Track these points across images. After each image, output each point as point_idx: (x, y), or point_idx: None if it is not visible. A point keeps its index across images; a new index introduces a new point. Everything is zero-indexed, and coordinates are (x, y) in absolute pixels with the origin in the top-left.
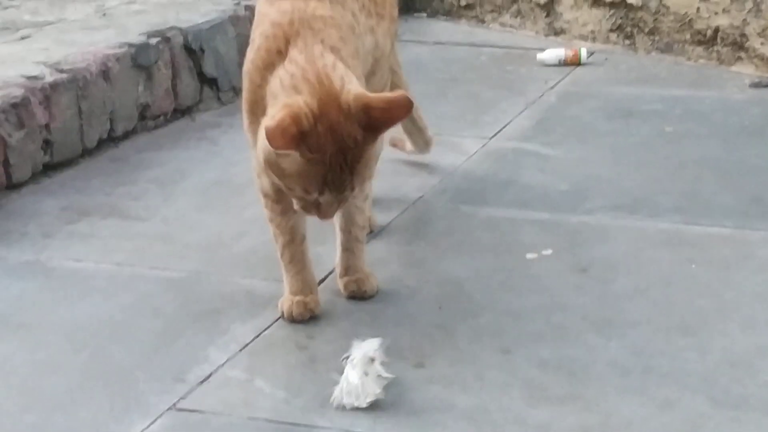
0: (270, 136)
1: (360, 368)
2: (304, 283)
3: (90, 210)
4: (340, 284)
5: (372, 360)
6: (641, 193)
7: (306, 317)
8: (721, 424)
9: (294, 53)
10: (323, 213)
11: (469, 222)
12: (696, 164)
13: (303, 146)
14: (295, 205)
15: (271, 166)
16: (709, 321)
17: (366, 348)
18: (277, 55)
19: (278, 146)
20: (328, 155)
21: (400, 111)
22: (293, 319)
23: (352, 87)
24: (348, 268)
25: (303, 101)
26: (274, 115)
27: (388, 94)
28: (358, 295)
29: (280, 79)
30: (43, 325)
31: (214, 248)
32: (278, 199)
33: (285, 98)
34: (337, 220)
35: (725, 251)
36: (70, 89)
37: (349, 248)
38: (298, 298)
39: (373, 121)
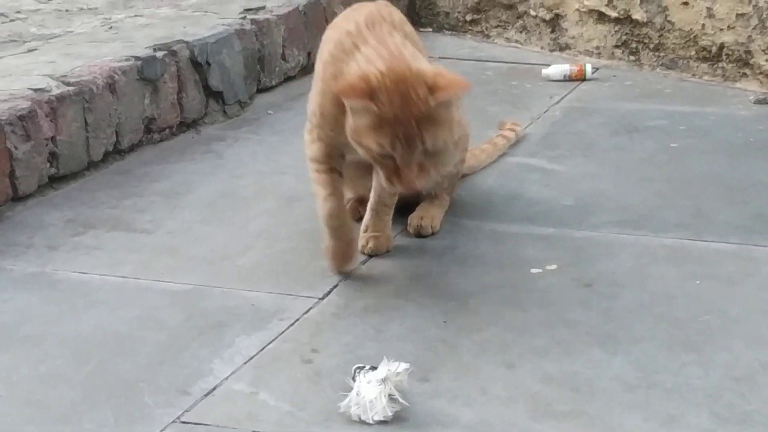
0: (341, 89)
1: (375, 384)
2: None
3: (95, 222)
4: (361, 240)
5: (386, 380)
6: (646, 209)
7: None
8: None
9: (370, 40)
10: (404, 180)
11: (474, 236)
12: (701, 180)
13: (372, 100)
14: (382, 180)
15: (351, 130)
16: (714, 337)
17: (392, 368)
18: (353, 46)
19: (348, 96)
20: (397, 109)
21: (461, 88)
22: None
23: (422, 64)
24: (368, 227)
25: (374, 66)
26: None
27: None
28: (373, 251)
29: (356, 61)
30: (48, 337)
31: (219, 261)
32: (327, 166)
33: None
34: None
35: (730, 267)
36: (76, 102)
37: (373, 208)
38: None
39: (439, 88)
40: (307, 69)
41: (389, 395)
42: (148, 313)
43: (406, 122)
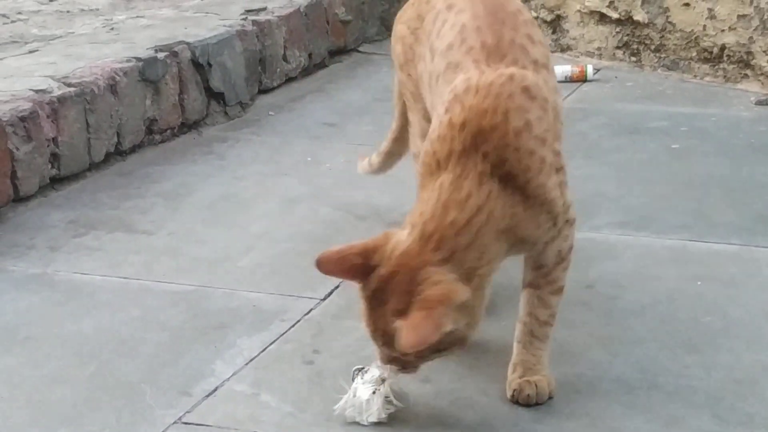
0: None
1: (371, 385)
2: None
3: (97, 223)
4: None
5: (383, 380)
6: (647, 210)
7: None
8: None
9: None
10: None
11: None
12: (702, 181)
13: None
14: None
15: None
16: (715, 338)
17: (384, 368)
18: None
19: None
20: None
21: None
22: None
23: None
24: (516, 365)
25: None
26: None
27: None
28: (520, 400)
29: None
30: (50, 338)
31: (220, 262)
32: None
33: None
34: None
35: (731, 269)
36: (77, 103)
37: (521, 341)
38: None
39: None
40: (308, 70)
41: (385, 397)
42: (150, 314)
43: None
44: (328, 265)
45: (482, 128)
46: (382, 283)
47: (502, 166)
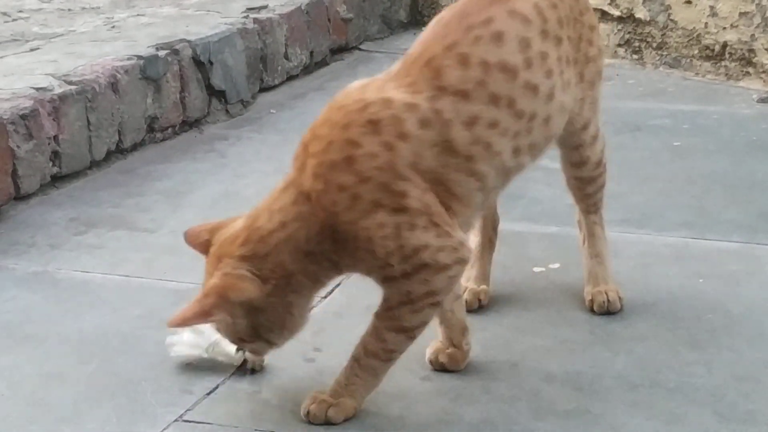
0: None
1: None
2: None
3: (98, 221)
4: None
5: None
6: (649, 208)
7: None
8: None
9: None
10: None
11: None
12: (704, 179)
13: None
14: None
15: None
16: (717, 336)
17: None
18: None
19: None
20: None
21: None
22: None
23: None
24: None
25: None
26: None
27: None
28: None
29: None
30: (51, 336)
31: None
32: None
33: None
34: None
35: (733, 266)
36: (78, 101)
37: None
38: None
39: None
40: (309, 68)
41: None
42: (151, 312)
43: None
44: (189, 237)
45: (308, 151)
46: (207, 263)
47: (312, 194)
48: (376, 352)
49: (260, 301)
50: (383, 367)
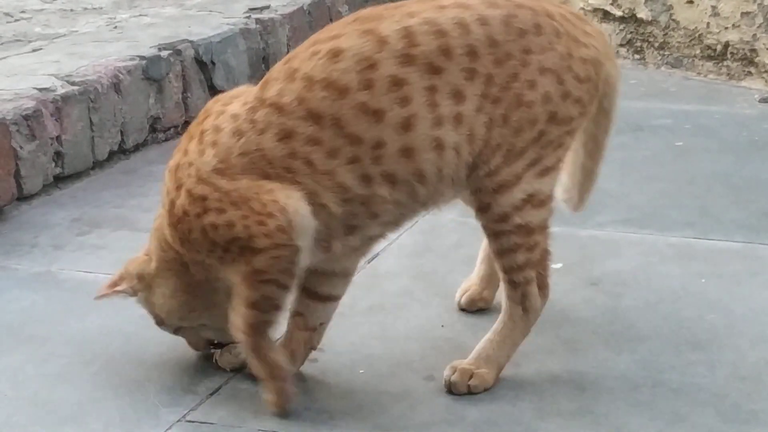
0: None
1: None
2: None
3: (101, 222)
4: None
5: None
6: (651, 208)
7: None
8: None
9: None
10: None
11: (479, 236)
12: (706, 179)
13: None
14: None
15: None
16: (719, 335)
17: None
18: None
19: None
20: None
21: None
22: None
23: None
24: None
25: None
26: None
27: None
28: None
29: None
30: (54, 336)
31: None
32: None
33: None
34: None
35: (735, 266)
36: (81, 101)
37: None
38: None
39: None
40: None
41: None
42: None
43: None
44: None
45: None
46: None
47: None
48: None
49: (152, 277)
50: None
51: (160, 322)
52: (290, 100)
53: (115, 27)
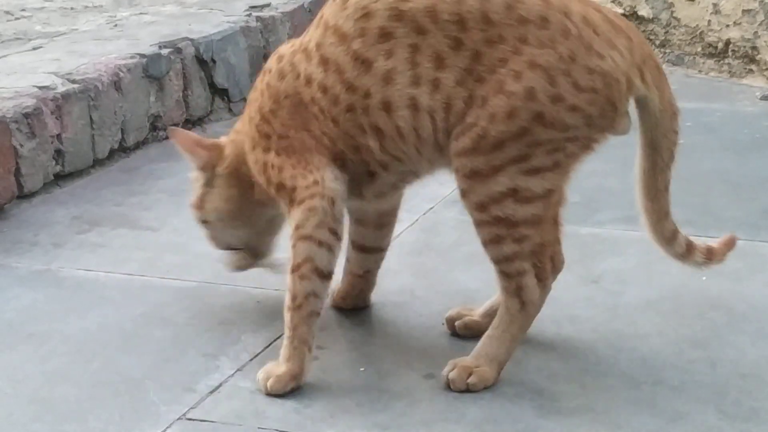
0: None
1: None
2: None
3: (101, 220)
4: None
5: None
6: None
7: None
8: None
9: None
10: None
11: None
12: (707, 176)
13: None
14: None
15: None
16: (720, 333)
17: None
18: None
19: None
20: None
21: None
22: None
23: None
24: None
25: None
26: None
27: None
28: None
29: None
30: (54, 334)
31: None
32: None
33: None
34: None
35: (736, 264)
36: (81, 99)
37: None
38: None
39: None
40: None
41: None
42: (154, 311)
43: None
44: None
45: None
46: None
47: None
48: (288, 303)
49: (214, 179)
50: (294, 320)
51: (197, 207)
52: (313, 45)
53: (116, 25)
